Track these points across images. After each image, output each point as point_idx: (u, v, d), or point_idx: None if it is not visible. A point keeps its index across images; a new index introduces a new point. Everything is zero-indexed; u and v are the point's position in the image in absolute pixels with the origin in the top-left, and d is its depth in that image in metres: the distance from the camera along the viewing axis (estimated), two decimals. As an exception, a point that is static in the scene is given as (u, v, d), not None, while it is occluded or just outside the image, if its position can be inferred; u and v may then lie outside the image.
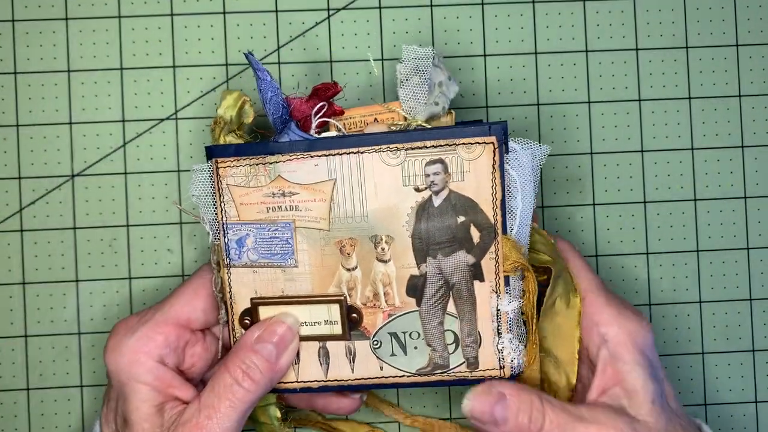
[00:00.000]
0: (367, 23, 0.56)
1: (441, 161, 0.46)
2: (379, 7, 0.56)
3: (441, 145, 0.46)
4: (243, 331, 0.49)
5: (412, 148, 0.46)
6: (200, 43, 0.55)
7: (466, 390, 0.47)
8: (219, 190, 0.48)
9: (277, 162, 0.47)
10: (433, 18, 0.56)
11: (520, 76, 0.56)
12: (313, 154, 0.47)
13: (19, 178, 0.55)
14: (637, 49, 0.56)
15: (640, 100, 0.56)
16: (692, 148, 0.56)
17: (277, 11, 0.56)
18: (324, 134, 0.49)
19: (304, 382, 0.49)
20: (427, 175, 0.46)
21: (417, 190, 0.46)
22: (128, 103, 0.55)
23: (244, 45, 0.55)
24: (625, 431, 0.45)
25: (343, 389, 0.49)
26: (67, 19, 0.55)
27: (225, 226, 0.48)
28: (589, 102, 0.56)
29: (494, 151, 0.45)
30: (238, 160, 0.47)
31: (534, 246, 0.49)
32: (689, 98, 0.56)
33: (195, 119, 0.55)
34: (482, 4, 0.56)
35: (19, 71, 0.55)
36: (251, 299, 0.48)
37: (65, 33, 0.55)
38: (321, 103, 0.48)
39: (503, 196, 0.46)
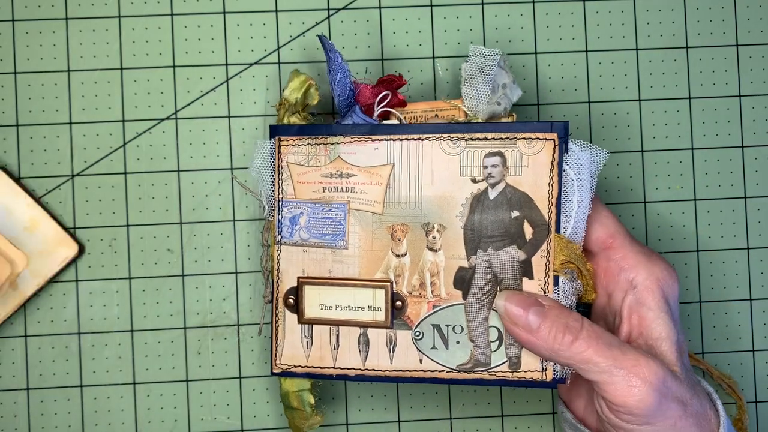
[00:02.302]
0: (367, 23, 0.56)
1: (500, 154, 0.46)
2: (379, 7, 0.56)
3: (501, 138, 0.46)
4: (286, 310, 0.49)
5: (473, 139, 0.46)
6: (200, 43, 0.55)
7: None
8: (279, 167, 0.49)
9: (338, 143, 0.48)
10: (433, 18, 0.56)
11: (520, 76, 0.56)
12: (374, 137, 0.47)
13: (19, 178, 0.55)
14: (637, 49, 0.56)
15: (640, 100, 0.56)
16: (692, 148, 0.56)
17: (277, 11, 0.56)
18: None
19: (342, 369, 0.49)
20: (485, 167, 0.46)
21: (474, 181, 0.47)
22: (128, 103, 0.55)
23: (244, 45, 0.55)
24: (662, 371, 0.43)
25: (379, 380, 0.49)
26: (67, 19, 0.55)
27: (281, 203, 0.49)
28: (589, 102, 0.56)
29: (554, 148, 0.45)
30: (301, 140, 0.48)
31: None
32: (689, 98, 0.56)
33: (195, 119, 0.55)
34: (482, 4, 0.56)
35: (19, 71, 0.55)
36: (298, 278, 0.49)
37: (65, 33, 0.55)
38: (385, 92, 0.49)
39: (559, 194, 0.46)
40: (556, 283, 0.46)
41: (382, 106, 0.49)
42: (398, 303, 0.48)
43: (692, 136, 0.56)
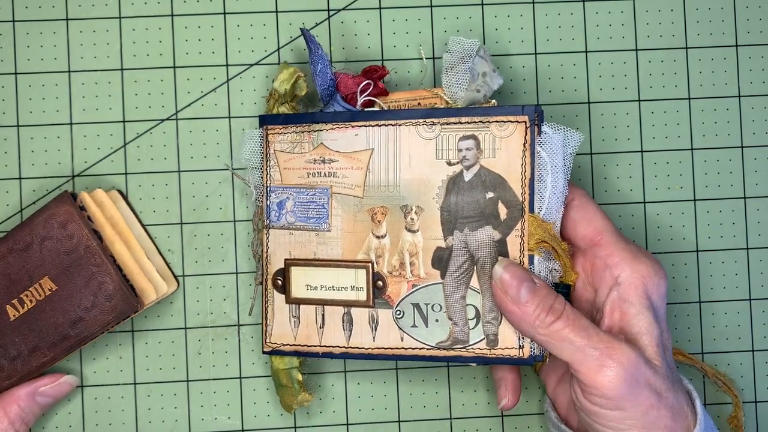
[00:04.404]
0: (367, 23, 0.56)
1: (474, 137, 0.47)
2: (379, 8, 0.56)
3: (475, 122, 0.47)
4: (275, 291, 0.51)
5: (448, 123, 0.48)
6: (200, 43, 0.55)
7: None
8: (267, 155, 0.51)
9: (320, 130, 0.50)
10: (433, 18, 0.56)
11: (520, 76, 0.56)
12: (354, 124, 0.49)
13: (19, 178, 0.55)
14: (637, 50, 0.56)
15: (640, 100, 0.56)
16: (692, 148, 0.56)
17: (277, 11, 0.56)
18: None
19: (327, 346, 0.50)
20: (460, 150, 0.48)
21: (449, 164, 0.48)
22: (128, 103, 0.55)
23: (244, 45, 0.55)
24: (636, 356, 0.44)
25: (363, 358, 0.50)
26: (67, 19, 0.55)
27: (268, 189, 0.51)
28: (589, 102, 0.56)
29: (526, 130, 0.47)
30: (286, 128, 0.51)
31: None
32: (689, 98, 0.56)
33: (195, 119, 0.55)
34: (482, 4, 0.56)
35: (19, 71, 0.55)
36: (285, 260, 0.51)
37: (65, 33, 0.55)
38: (366, 81, 0.51)
39: (532, 175, 0.47)
40: (531, 262, 0.47)
41: (365, 95, 0.50)
42: (379, 283, 0.49)
43: (692, 136, 0.56)
